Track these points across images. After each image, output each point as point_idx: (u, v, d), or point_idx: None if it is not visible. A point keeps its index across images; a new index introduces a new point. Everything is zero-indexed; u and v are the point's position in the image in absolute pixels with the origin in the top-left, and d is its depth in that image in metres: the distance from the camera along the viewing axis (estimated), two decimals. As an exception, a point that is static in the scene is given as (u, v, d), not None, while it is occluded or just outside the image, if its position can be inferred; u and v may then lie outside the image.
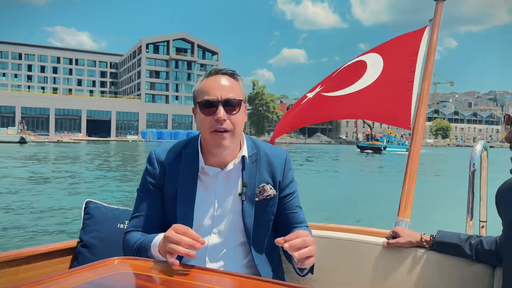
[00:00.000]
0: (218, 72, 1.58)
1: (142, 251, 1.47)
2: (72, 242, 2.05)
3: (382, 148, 58.61)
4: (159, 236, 1.43)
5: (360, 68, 2.62)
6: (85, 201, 2.15)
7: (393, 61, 2.55)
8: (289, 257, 1.64)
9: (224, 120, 1.51)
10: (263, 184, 1.64)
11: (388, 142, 64.11)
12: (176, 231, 1.31)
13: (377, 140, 63.50)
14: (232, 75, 1.59)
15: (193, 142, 1.66)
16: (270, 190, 1.65)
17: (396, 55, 2.57)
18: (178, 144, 1.68)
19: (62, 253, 2.01)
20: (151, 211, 1.62)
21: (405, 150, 60.15)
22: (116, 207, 2.16)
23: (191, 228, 1.38)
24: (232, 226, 1.62)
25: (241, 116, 1.57)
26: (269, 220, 1.68)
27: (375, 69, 2.57)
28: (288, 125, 2.78)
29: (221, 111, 1.51)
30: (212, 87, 1.53)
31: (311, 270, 1.60)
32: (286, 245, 1.31)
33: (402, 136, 69.19)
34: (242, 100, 1.57)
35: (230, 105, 1.53)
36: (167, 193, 1.61)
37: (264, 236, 1.69)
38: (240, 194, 1.62)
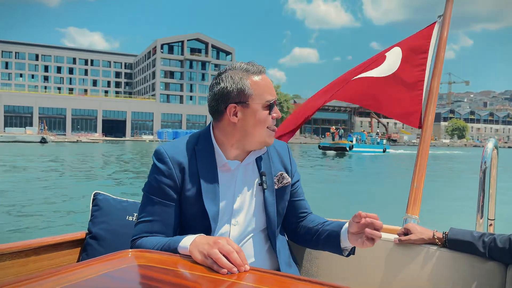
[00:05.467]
0: (264, 71, 1.59)
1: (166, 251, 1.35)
2: (81, 234, 2.04)
3: (348, 149, 50.21)
4: (189, 237, 1.32)
5: (380, 58, 2.58)
6: (94, 192, 2.12)
7: (409, 59, 2.53)
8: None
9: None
10: (281, 172, 1.67)
11: (359, 141, 54.71)
12: (229, 243, 1.21)
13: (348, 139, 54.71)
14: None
15: (204, 138, 1.59)
16: (287, 177, 1.68)
17: (411, 53, 2.54)
18: (189, 141, 1.58)
19: (71, 245, 2.00)
20: (167, 216, 1.50)
21: (381, 150, 53.32)
22: (124, 199, 2.14)
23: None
24: (253, 217, 1.61)
25: None
26: (285, 207, 1.70)
27: (394, 60, 2.53)
28: (301, 116, 2.70)
29: (278, 110, 1.58)
30: (270, 87, 1.57)
31: (353, 251, 1.60)
32: (367, 220, 1.35)
33: (377, 134, 60.97)
34: None
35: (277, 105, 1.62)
36: (187, 194, 1.51)
37: (279, 223, 1.69)
38: (260, 184, 1.61)
